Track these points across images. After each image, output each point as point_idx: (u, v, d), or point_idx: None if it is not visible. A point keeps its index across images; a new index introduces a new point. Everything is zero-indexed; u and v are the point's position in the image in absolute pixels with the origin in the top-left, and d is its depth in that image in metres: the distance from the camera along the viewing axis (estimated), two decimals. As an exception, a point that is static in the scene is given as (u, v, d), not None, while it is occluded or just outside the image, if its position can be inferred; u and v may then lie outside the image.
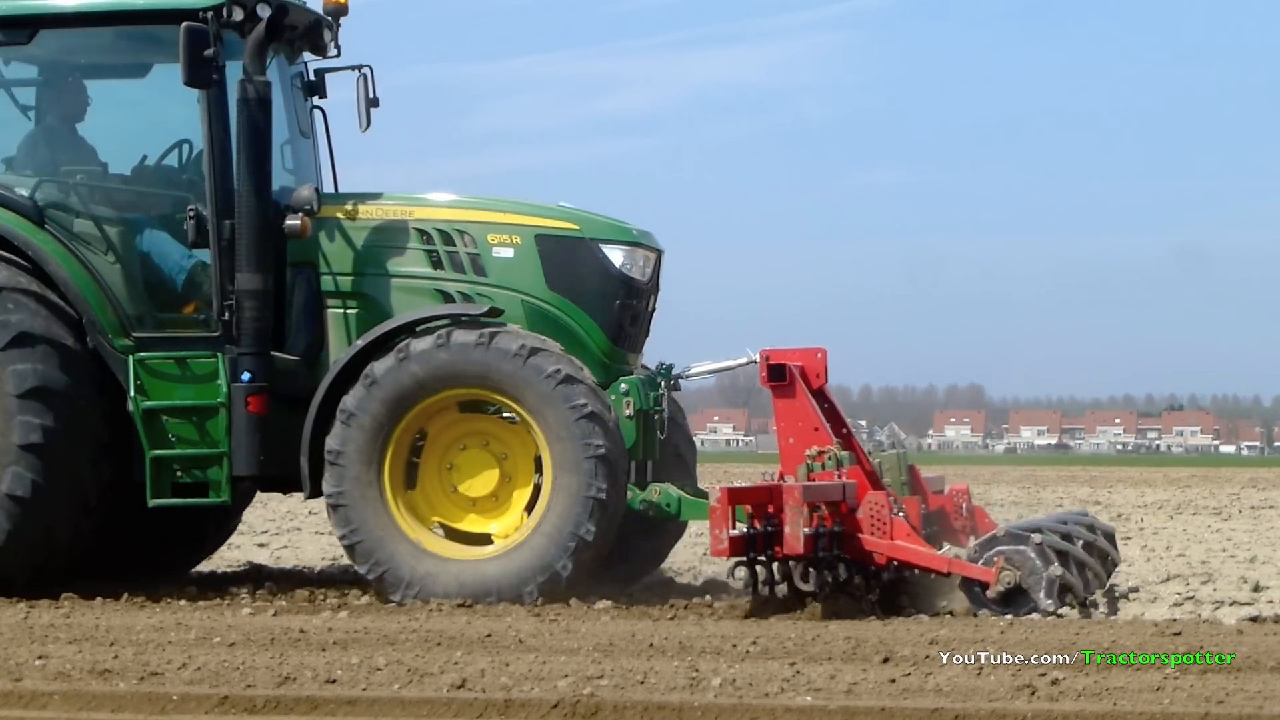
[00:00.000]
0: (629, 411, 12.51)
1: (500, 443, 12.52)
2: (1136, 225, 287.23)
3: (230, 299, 12.49)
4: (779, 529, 11.19)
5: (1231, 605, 12.35)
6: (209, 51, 12.38)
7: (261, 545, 20.41)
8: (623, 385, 12.58)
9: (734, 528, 11.15)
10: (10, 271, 12.51)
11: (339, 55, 13.70)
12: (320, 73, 13.87)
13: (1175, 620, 11.21)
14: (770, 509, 11.28)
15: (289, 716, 8.36)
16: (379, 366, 12.26)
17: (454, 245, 12.84)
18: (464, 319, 12.44)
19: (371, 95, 13.70)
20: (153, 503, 12.58)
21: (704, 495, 12.58)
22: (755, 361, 12.28)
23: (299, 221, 12.58)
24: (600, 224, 12.97)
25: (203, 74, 12.40)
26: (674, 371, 13.24)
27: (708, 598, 12.58)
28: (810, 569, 11.32)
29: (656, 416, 12.88)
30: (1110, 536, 12.96)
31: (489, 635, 10.46)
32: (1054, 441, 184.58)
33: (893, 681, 8.69)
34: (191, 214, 12.54)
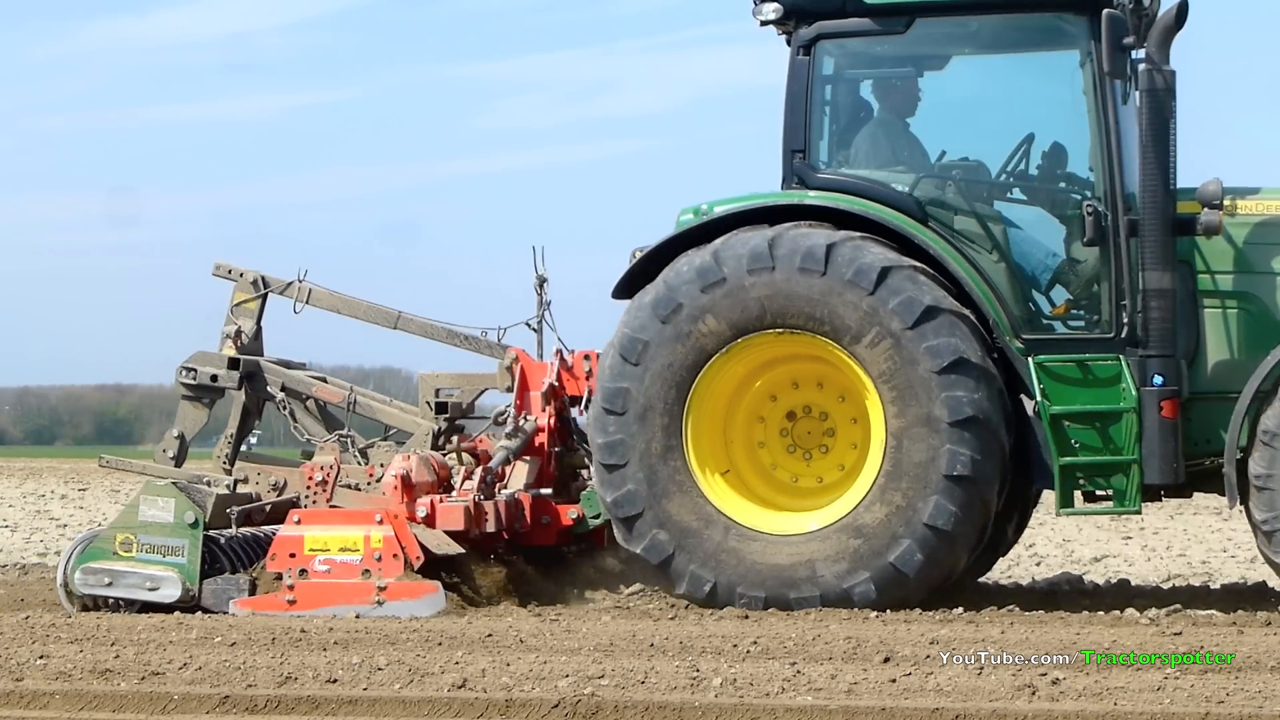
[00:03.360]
0: None
1: None
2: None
3: (1126, 299, 11.98)
4: None
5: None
6: (1128, 40, 11.95)
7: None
8: None
9: None
10: (894, 253, 11.96)
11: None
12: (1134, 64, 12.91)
13: (1175, 620, 11.22)
14: None
15: (290, 716, 8.37)
16: None
17: None
18: None
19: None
20: (1060, 513, 12.08)
21: None
22: None
23: (1216, 217, 11.98)
24: None
25: (1121, 63, 11.98)
26: None
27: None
28: None
29: None
30: None
31: (490, 635, 10.46)
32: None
33: (893, 681, 8.69)
34: (1089, 211, 11.98)
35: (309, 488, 12.88)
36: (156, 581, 12.17)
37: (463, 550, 12.30)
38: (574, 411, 13.37)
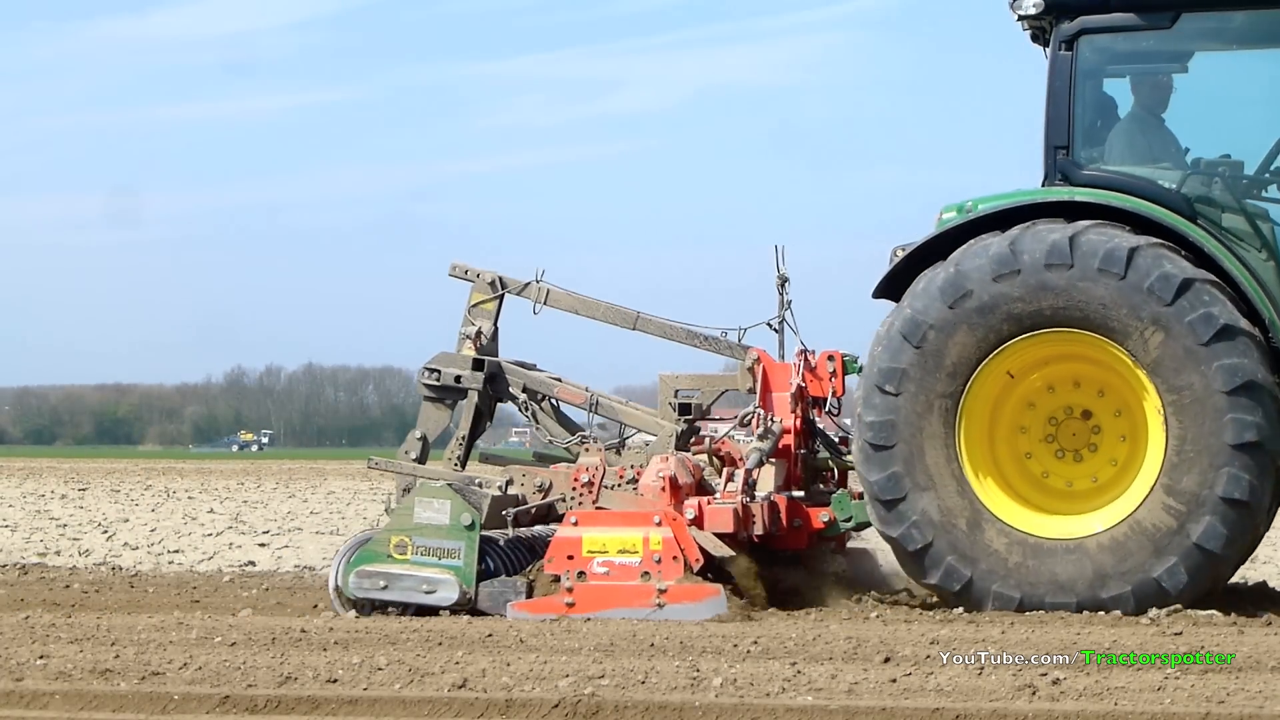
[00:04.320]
0: None
1: None
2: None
3: None
4: None
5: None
6: None
7: (262, 545, 20.43)
8: None
9: None
10: (1191, 265, 11.76)
11: None
12: None
13: (1175, 620, 11.22)
14: None
15: (290, 716, 8.37)
16: None
17: None
18: None
19: None
20: None
21: None
22: None
23: None
24: None
25: None
26: None
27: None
28: None
29: None
30: None
31: (490, 635, 10.47)
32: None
33: (894, 681, 8.69)
34: None
35: (575, 489, 12.73)
36: (433, 584, 12.04)
37: (733, 553, 12.17)
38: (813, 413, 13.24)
